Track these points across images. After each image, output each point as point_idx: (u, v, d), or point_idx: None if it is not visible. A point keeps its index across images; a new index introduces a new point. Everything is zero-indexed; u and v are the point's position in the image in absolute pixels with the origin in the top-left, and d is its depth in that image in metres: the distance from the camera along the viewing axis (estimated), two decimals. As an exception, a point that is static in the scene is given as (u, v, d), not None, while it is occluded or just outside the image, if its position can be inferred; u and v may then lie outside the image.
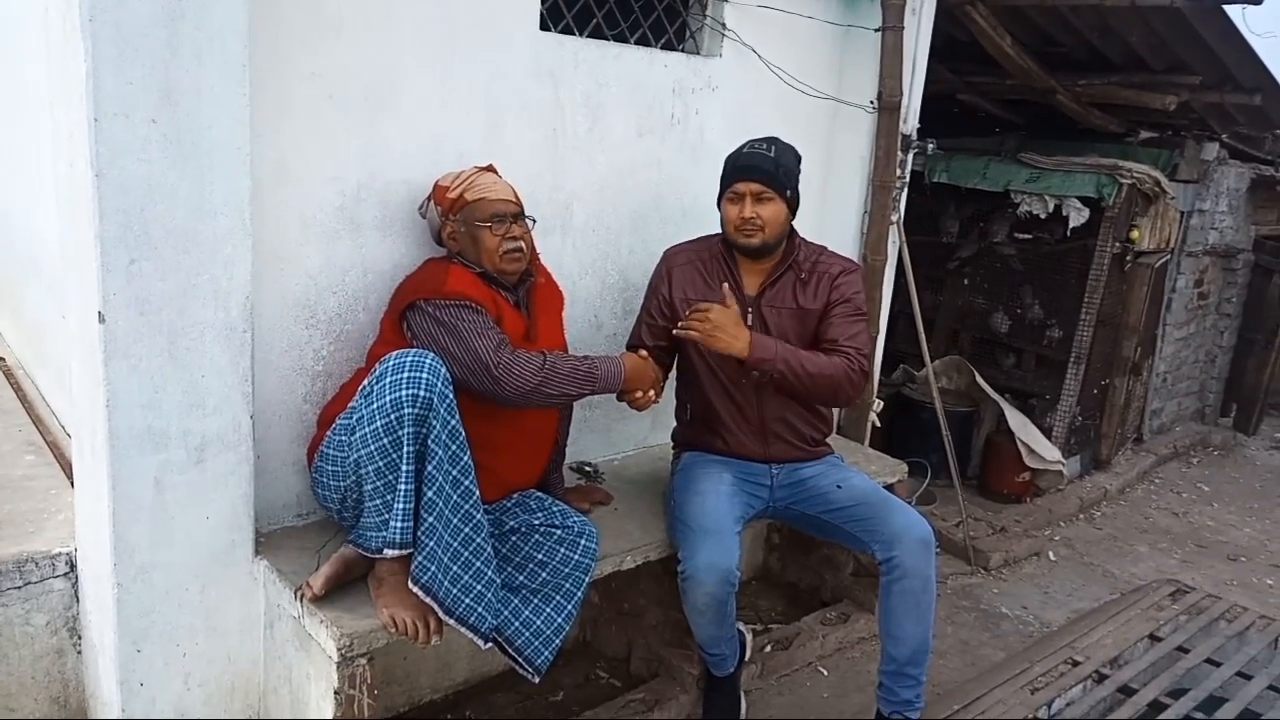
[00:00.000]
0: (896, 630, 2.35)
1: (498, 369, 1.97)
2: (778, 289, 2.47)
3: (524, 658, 2.05)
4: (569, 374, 2.07)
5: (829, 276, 2.47)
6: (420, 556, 1.86)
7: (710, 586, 2.22)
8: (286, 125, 2.03)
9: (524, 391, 2.00)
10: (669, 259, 2.55)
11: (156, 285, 1.80)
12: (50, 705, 2.17)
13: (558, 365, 2.05)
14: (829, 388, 2.37)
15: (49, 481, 2.44)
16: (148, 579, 1.94)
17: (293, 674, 2.05)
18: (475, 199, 2.11)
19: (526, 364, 2.01)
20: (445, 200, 2.14)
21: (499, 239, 2.10)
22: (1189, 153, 4.91)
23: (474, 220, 2.10)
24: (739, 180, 2.38)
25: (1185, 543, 4.34)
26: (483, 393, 1.99)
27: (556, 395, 2.06)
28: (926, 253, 4.68)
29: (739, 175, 2.39)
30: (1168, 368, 5.58)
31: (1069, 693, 2.76)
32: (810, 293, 2.46)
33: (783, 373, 2.30)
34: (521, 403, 2.03)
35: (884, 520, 2.37)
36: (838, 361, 2.37)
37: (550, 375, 2.03)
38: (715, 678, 2.54)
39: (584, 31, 2.61)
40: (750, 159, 2.38)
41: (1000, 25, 3.85)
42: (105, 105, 1.68)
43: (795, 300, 2.46)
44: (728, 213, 2.43)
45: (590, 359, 2.14)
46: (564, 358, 2.11)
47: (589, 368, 2.11)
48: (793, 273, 2.47)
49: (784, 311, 2.45)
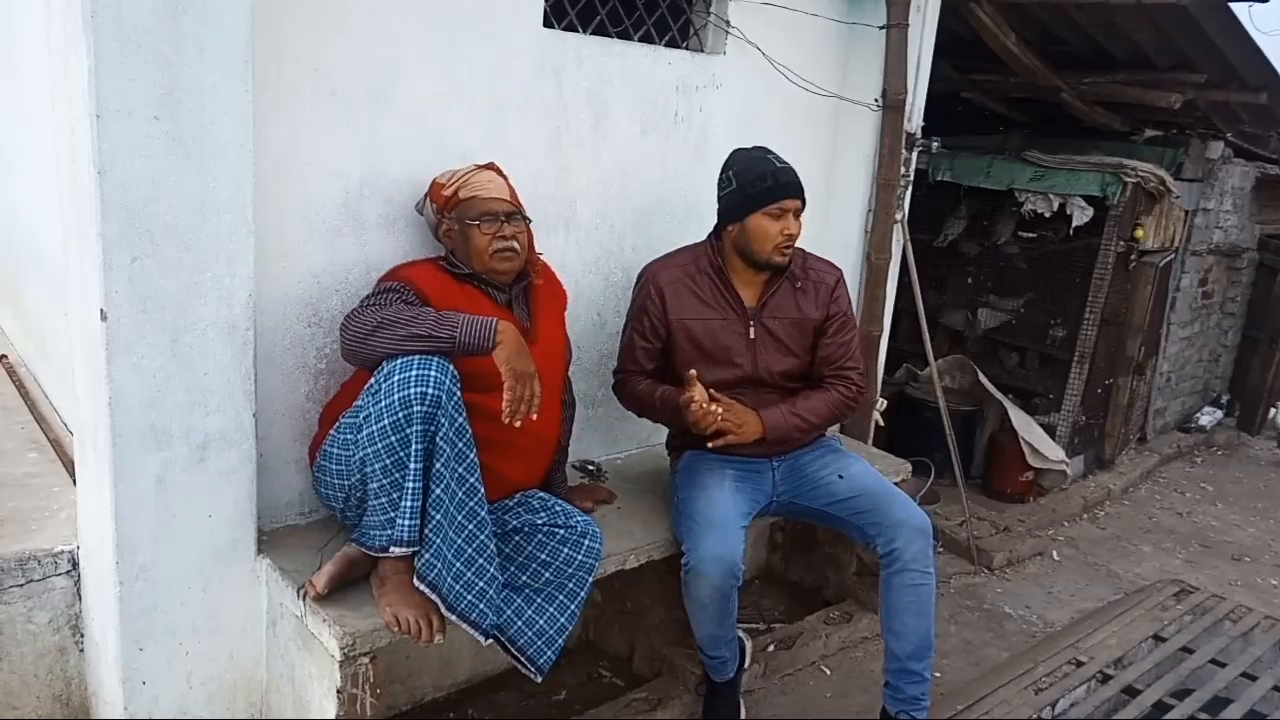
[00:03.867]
0: (898, 625, 2.35)
1: (345, 319, 1.93)
2: (778, 300, 2.47)
3: (526, 657, 2.04)
4: (406, 321, 1.87)
5: (826, 286, 2.51)
6: (427, 554, 1.85)
7: (714, 578, 2.22)
8: (289, 121, 2.02)
9: (349, 345, 1.91)
10: (652, 278, 2.47)
11: (159, 283, 1.80)
12: (53, 703, 2.16)
13: (399, 318, 1.88)
14: (834, 420, 2.58)
15: (52, 479, 2.43)
16: (150, 577, 1.93)
17: (295, 673, 2.05)
18: (468, 197, 2.10)
19: (366, 314, 1.91)
20: (440, 198, 2.13)
21: (489, 238, 2.08)
22: (1194, 151, 4.90)
23: (465, 218, 2.09)
24: (786, 197, 2.36)
25: (1189, 543, 4.33)
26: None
27: (383, 349, 1.87)
28: (930, 251, 4.67)
29: (787, 192, 2.36)
30: (1171, 367, 5.56)
31: (1073, 693, 2.75)
32: (810, 302, 2.49)
33: (798, 438, 2.48)
34: (353, 359, 1.94)
35: (885, 511, 2.38)
36: (836, 397, 2.50)
37: (382, 324, 1.87)
38: (714, 683, 2.53)
39: (587, 28, 2.60)
40: (789, 175, 2.39)
41: (1005, 23, 3.84)
42: (107, 102, 1.67)
43: (796, 309, 2.48)
44: (766, 229, 2.36)
45: (454, 315, 1.92)
46: (422, 314, 1.91)
47: (436, 319, 1.88)
48: (789, 282, 2.48)
49: (784, 322, 2.47)
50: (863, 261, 3.38)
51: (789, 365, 2.48)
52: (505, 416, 1.90)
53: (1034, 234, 4.67)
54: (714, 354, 2.43)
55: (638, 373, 2.51)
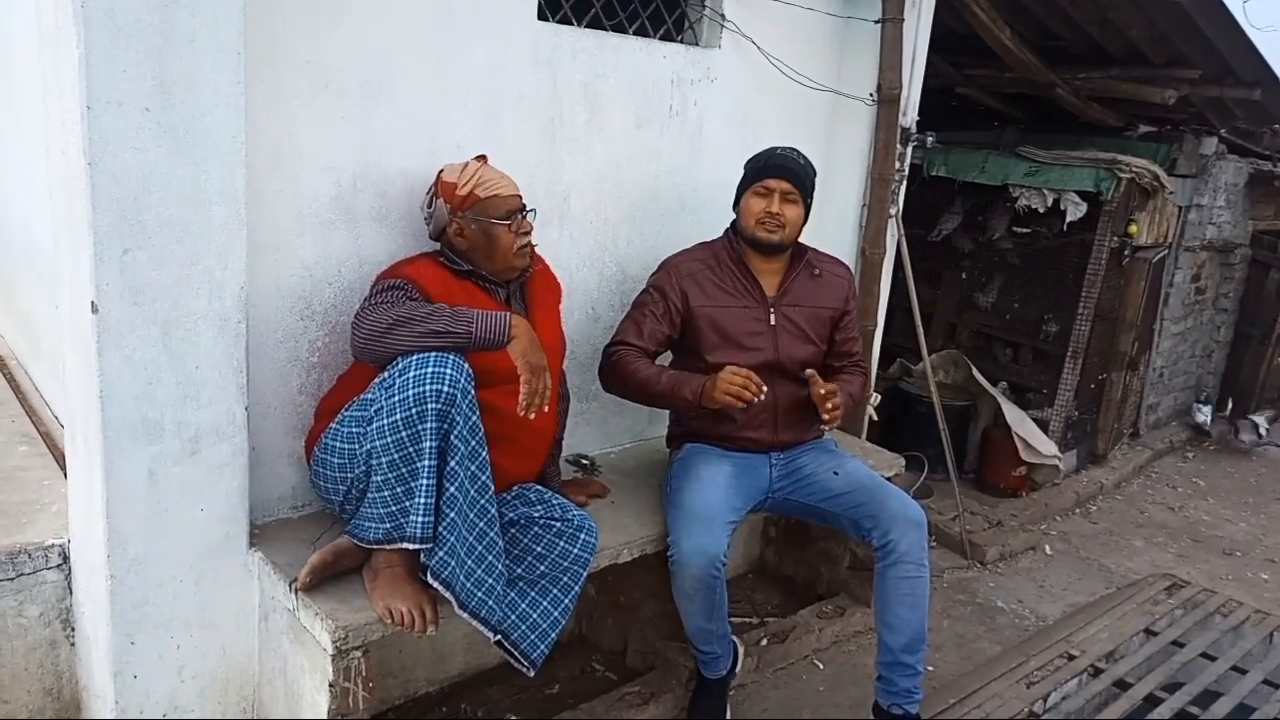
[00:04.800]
0: (892, 618, 2.35)
1: (355, 318, 1.93)
2: (798, 288, 2.54)
3: (520, 651, 2.04)
4: (422, 318, 1.86)
5: (843, 280, 2.64)
6: (441, 552, 1.85)
7: (696, 570, 2.24)
8: (282, 114, 2.01)
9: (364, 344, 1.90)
10: (673, 268, 2.51)
11: (150, 275, 1.79)
12: (43, 697, 2.16)
13: (415, 315, 1.87)
14: (858, 403, 2.75)
15: (43, 473, 2.43)
16: (141, 571, 1.93)
17: (287, 666, 2.05)
18: (488, 196, 2.08)
19: (378, 312, 1.89)
20: (455, 197, 2.08)
21: (515, 235, 2.09)
22: (1188, 147, 4.90)
23: (489, 217, 2.07)
24: (770, 176, 2.45)
25: (1181, 537, 4.35)
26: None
27: (400, 346, 1.87)
28: (924, 246, 4.67)
29: (770, 172, 2.46)
30: (1164, 362, 5.58)
31: (1064, 686, 2.77)
32: (828, 293, 2.59)
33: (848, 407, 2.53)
34: (367, 357, 1.92)
35: (881, 505, 2.40)
36: (861, 380, 2.68)
37: (398, 322, 1.86)
38: (704, 680, 2.53)
39: (582, 21, 2.60)
40: (783, 160, 2.47)
41: (1000, 18, 3.83)
42: (98, 93, 1.66)
43: (815, 298, 2.56)
44: (751, 206, 2.46)
45: (469, 311, 1.91)
46: (437, 310, 1.90)
47: (451, 315, 1.88)
48: (805, 271, 2.56)
49: (804, 310, 2.54)
50: (857, 256, 3.38)
51: (808, 353, 2.52)
52: (521, 410, 1.91)
53: (1028, 229, 4.67)
54: (737, 339, 2.47)
55: (638, 350, 2.44)
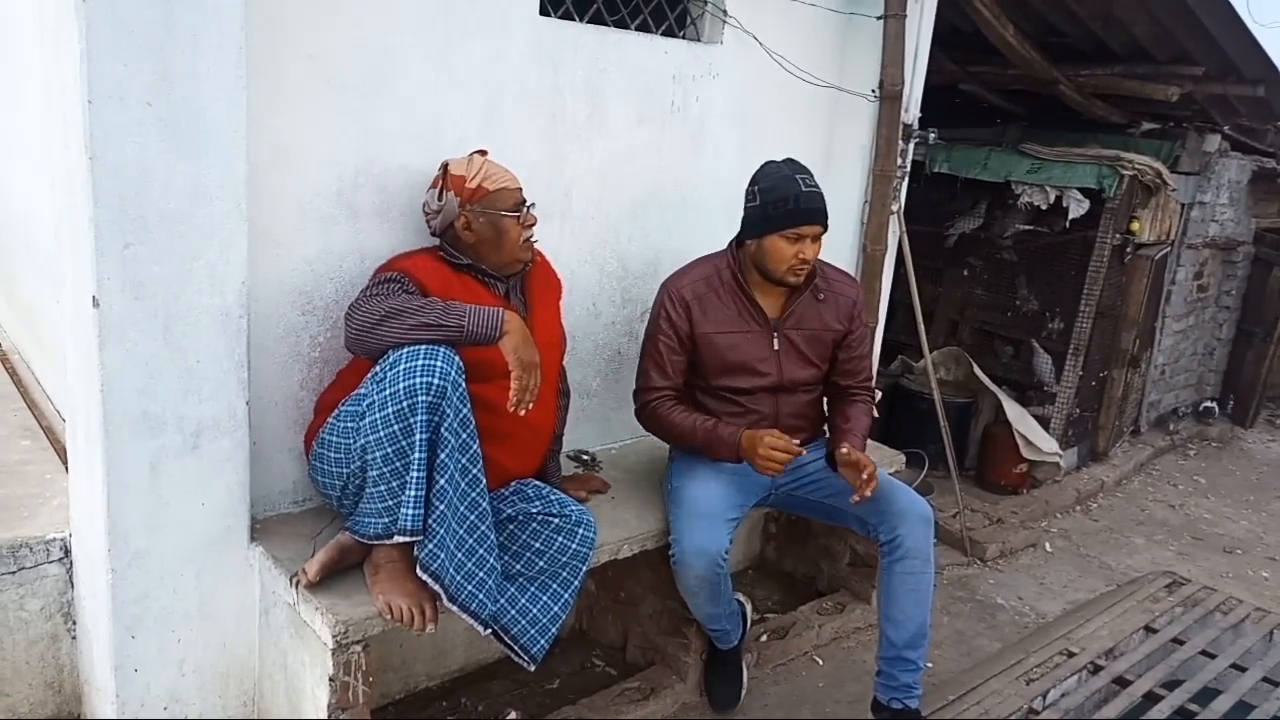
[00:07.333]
0: (897, 613, 2.36)
1: (349, 310, 1.93)
2: (800, 311, 2.48)
3: (520, 646, 2.05)
4: (414, 310, 1.86)
5: (847, 300, 2.54)
6: (430, 544, 1.85)
7: (698, 570, 2.26)
8: (283, 108, 2.01)
9: (356, 336, 1.90)
10: (675, 292, 2.43)
11: (151, 269, 1.79)
12: (44, 690, 2.16)
13: (407, 307, 1.87)
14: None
15: (44, 466, 2.43)
16: (142, 564, 1.93)
17: (288, 661, 2.05)
18: (497, 189, 2.08)
19: (371, 304, 1.89)
20: (465, 190, 2.07)
21: (522, 228, 2.10)
22: (1190, 144, 4.90)
23: (499, 210, 2.08)
24: (807, 223, 2.32)
25: (1181, 535, 4.35)
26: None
27: (391, 338, 1.86)
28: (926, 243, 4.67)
29: (808, 218, 2.32)
30: (1166, 360, 5.58)
31: (1064, 684, 2.77)
32: (831, 313, 2.51)
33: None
34: (358, 349, 1.92)
35: (889, 500, 2.39)
36: (867, 408, 2.56)
37: (389, 314, 1.86)
38: (720, 651, 2.59)
39: (584, 17, 2.59)
40: (813, 200, 2.33)
41: (1003, 14, 3.83)
42: (100, 88, 1.66)
43: (818, 320, 2.50)
44: (781, 250, 2.34)
45: (461, 306, 1.92)
46: (429, 303, 1.90)
47: (443, 309, 1.88)
48: (811, 293, 2.49)
49: (806, 333, 2.49)
50: (859, 252, 3.38)
51: (809, 374, 2.52)
52: (511, 405, 1.91)
53: (1030, 226, 4.67)
54: (742, 366, 2.44)
55: (669, 392, 2.44)
